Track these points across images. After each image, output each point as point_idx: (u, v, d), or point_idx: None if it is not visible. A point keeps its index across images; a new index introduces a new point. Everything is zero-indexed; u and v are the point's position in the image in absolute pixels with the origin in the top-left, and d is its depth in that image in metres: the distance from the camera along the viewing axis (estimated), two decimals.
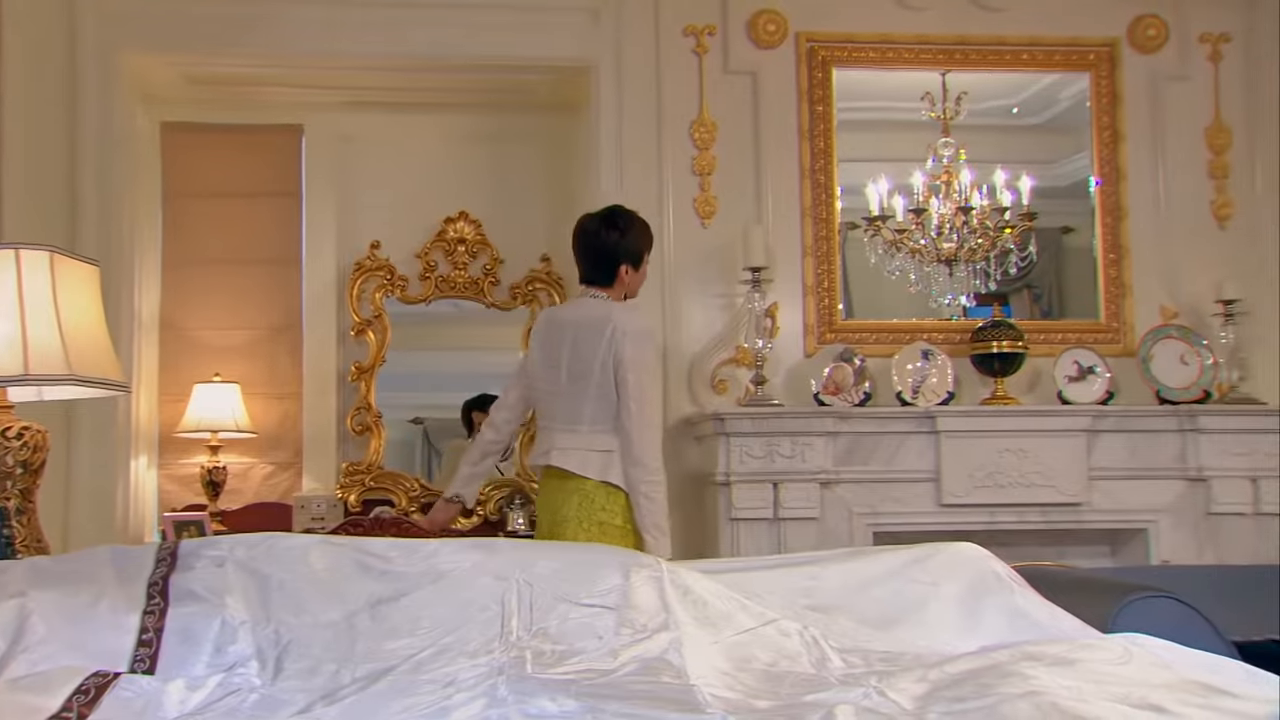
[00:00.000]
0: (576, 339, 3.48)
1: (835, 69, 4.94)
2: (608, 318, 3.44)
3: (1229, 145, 4.97)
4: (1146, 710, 1.55)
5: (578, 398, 3.46)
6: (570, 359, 3.48)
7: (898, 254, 4.83)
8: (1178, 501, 4.60)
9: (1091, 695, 1.58)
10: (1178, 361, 4.75)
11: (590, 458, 3.43)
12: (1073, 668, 1.76)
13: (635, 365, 3.39)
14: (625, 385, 3.38)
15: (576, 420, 3.46)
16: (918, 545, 2.44)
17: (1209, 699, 1.63)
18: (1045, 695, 1.56)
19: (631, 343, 3.40)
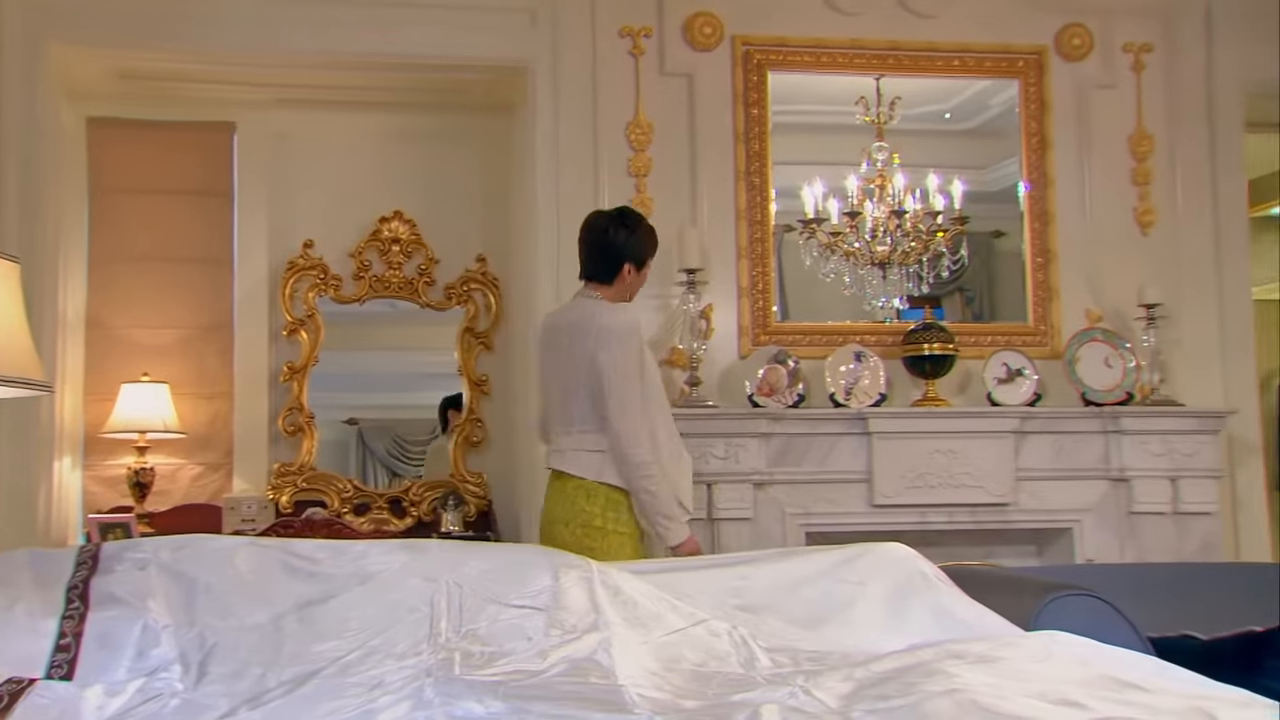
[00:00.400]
0: (570, 341, 3.57)
1: (770, 72, 4.98)
2: (594, 317, 3.52)
3: (1151, 152, 5.07)
4: (1063, 706, 1.58)
5: (571, 399, 3.55)
6: (565, 362, 3.57)
7: (832, 256, 4.87)
8: (1101, 501, 4.70)
9: (1011, 692, 1.62)
10: (1102, 364, 4.84)
11: (583, 458, 3.52)
12: (994, 665, 1.79)
13: (611, 364, 3.45)
14: (607, 385, 3.45)
15: (570, 422, 3.56)
16: (847, 545, 2.47)
17: (1122, 694, 1.66)
18: (966, 693, 1.58)
19: (610, 342, 3.47)
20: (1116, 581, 2.84)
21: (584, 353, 3.51)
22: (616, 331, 3.49)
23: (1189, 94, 5.09)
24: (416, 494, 5.26)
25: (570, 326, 3.61)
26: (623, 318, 3.56)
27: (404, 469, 5.45)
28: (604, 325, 3.50)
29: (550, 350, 3.67)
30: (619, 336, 3.49)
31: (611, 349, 3.47)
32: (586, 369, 3.49)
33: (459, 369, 5.40)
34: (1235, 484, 4.92)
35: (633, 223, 3.69)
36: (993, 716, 1.50)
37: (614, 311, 3.56)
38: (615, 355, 3.46)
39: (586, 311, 3.58)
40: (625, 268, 3.63)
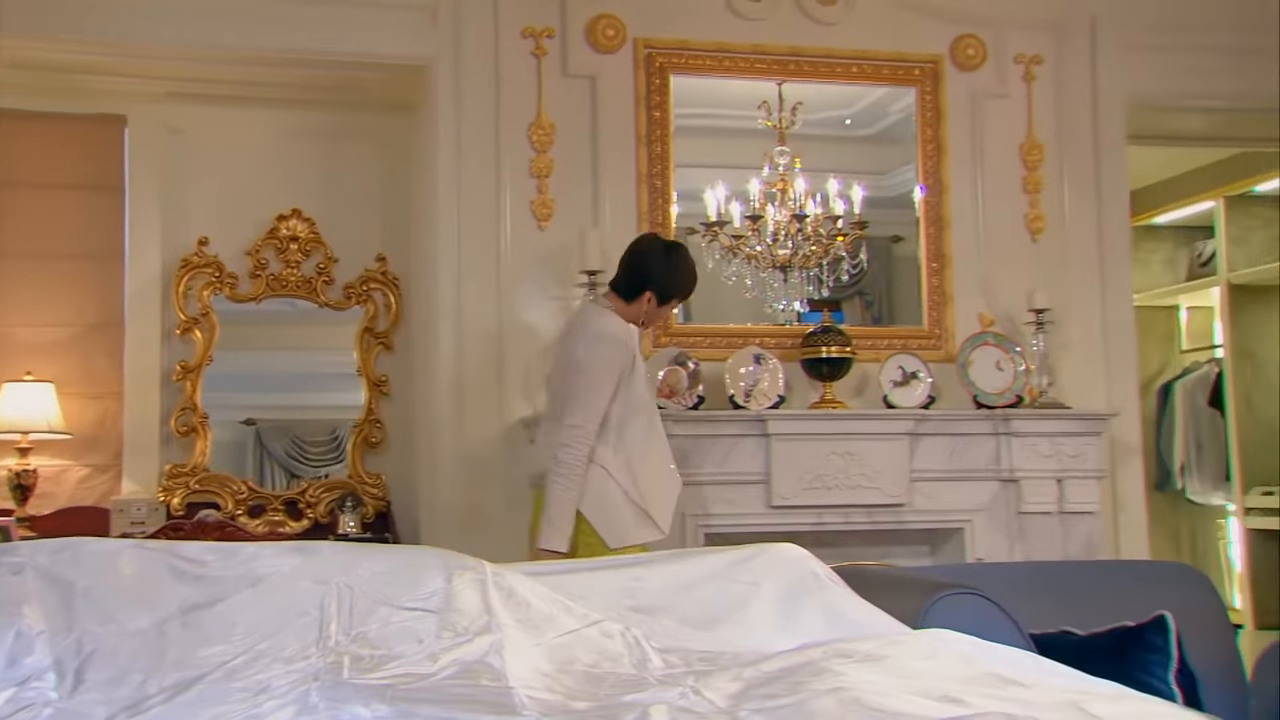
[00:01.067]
0: (564, 342, 3.82)
1: (673, 75, 5.00)
2: (585, 321, 3.75)
3: (1041, 161, 5.21)
4: (944, 702, 1.62)
5: (555, 398, 3.79)
6: (561, 361, 3.81)
7: (734, 259, 4.92)
8: (992, 501, 4.81)
9: (894, 690, 1.65)
10: (994, 367, 4.96)
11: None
12: (881, 663, 1.83)
13: (580, 365, 3.63)
14: (573, 382, 3.63)
15: (555, 417, 3.75)
16: (741, 546, 2.50)
17: (1002, 689, 1.71)
18: (850, 691, 1.62)
19: (582, 344, 3.66)
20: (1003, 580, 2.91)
21: (568, 353, 3.71)
22: (598, 336, 3.65)
23: (1076, 106, 5.24)
24: (313, 495, 5.19)
25: (571, 326, 3.85)
26: (603, 323, 3.70)
27: (303, 470, 5.37)
28: (590, 328, 3.68)
29: (558, 348, 3.94)
30: (599, 340, 3.64)
31: (583, 351, 3.63)
32: (570, 368, 3.68)
33: (358, 369, 5.34)
34: (1116, 484, 5.07)
35: (675, 259, 3.84)
36: (874, 713, 1.53)
37: (604, 318, 3.72)
38: (588, 356, 3.61)
39: (581, 316, 3.83)
40: (646, 294, 3.78)
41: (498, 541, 4.53)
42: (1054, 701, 1.65)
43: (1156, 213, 7.44)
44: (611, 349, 3.65)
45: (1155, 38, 5.24)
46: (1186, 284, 7.48)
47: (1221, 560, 7.34)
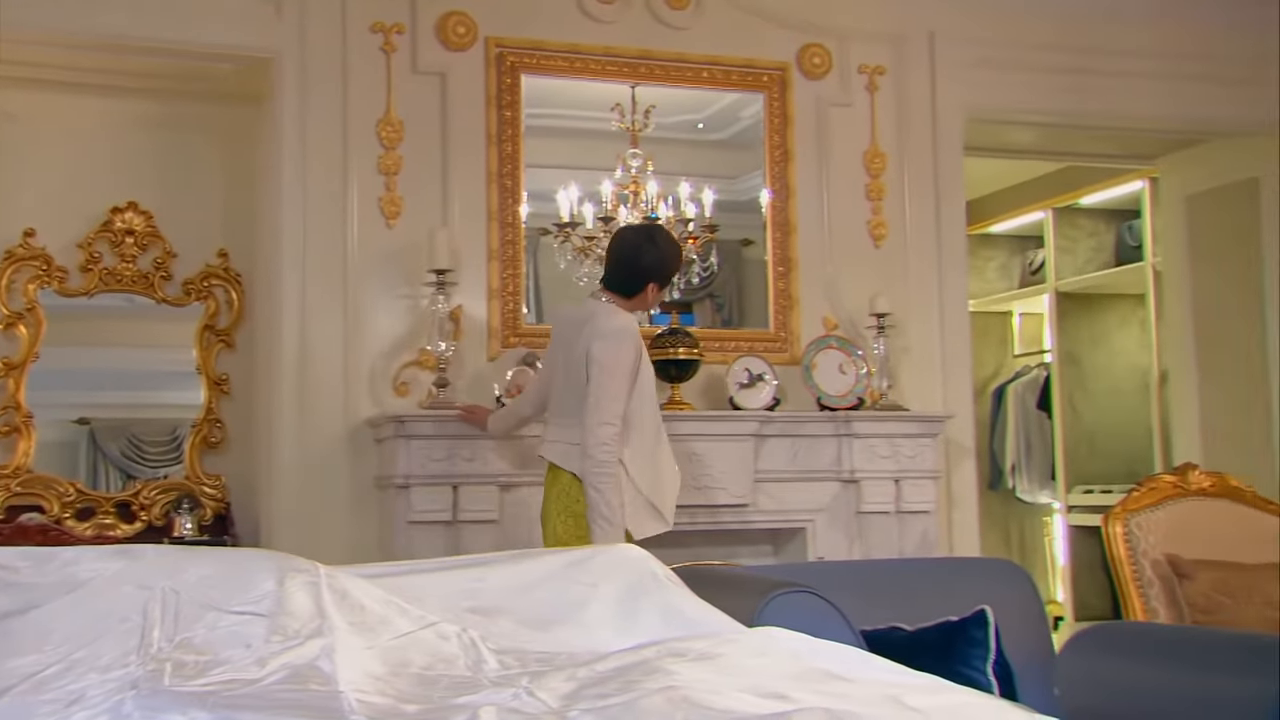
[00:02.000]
0: (571, 338, 3.83)
1: (524, 75, 4.99)
2: (591, 318, 3.78)
3: (884, 169, 5.36)
4: (770, 698, 1.66)
5: (565, 393, 3.82)
6: (564, 356, 3.84)
7: (587, 261, 4.93)
8: (833, 502, 4.92)
9: (724, 687, 1.68)
10: (836, 370, 5.08)
11: (569, 450, 3.76)
12: (713, 662, 1.86)
13: (597, 363, 3.67)
14: (589, 382, 3.67)
15: (562, 414, 3.84)
16: (581, 547, 2.52)
17: (826, 685, 1.76)
18: (680, 690, 1.64)
19: (600, 341, 3.70)
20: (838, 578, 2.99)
21: (578, 349, 3.74)
22: (611, 333, 3.71)
23: (916, 116, 5.40)
24: (148, 497, 5.02)
25: (574, 323, 3.86)
26: (619, 321, 3.77)
27: (141, 471, 5.19)
28: (600, 326, 3.73)
29: (555, 342, 4.00)
30: (613, 337, 3.70)
31: (599, 349, 3.68)
32: (577, 364, 3.73)
33: (198, 367, 5.19)
34: (951, 484, 5.25)
35: (662, 242, 3.91)
36: (702, 711, 1.56)
37: (612, 314, 3.79)
38: (605, 354, 3.67)
39: (587, 312, 3.84)
40: (649, 286, 3.88)
41: (341, 543, 4.48)
42: (875, 695, 1.71)
43: (992, 222, 7.74)
44: (629, 346, 3.74)
45: (990, 53, 5.44)
46: (1019, 291, 7.79)
47: (1047, 556, 7.68)
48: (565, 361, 3.83)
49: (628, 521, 3.68)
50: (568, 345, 3.83)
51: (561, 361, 3.86)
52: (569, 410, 3.78)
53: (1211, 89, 5.66)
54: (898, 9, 5.39)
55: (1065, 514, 7.12)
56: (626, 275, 3.87)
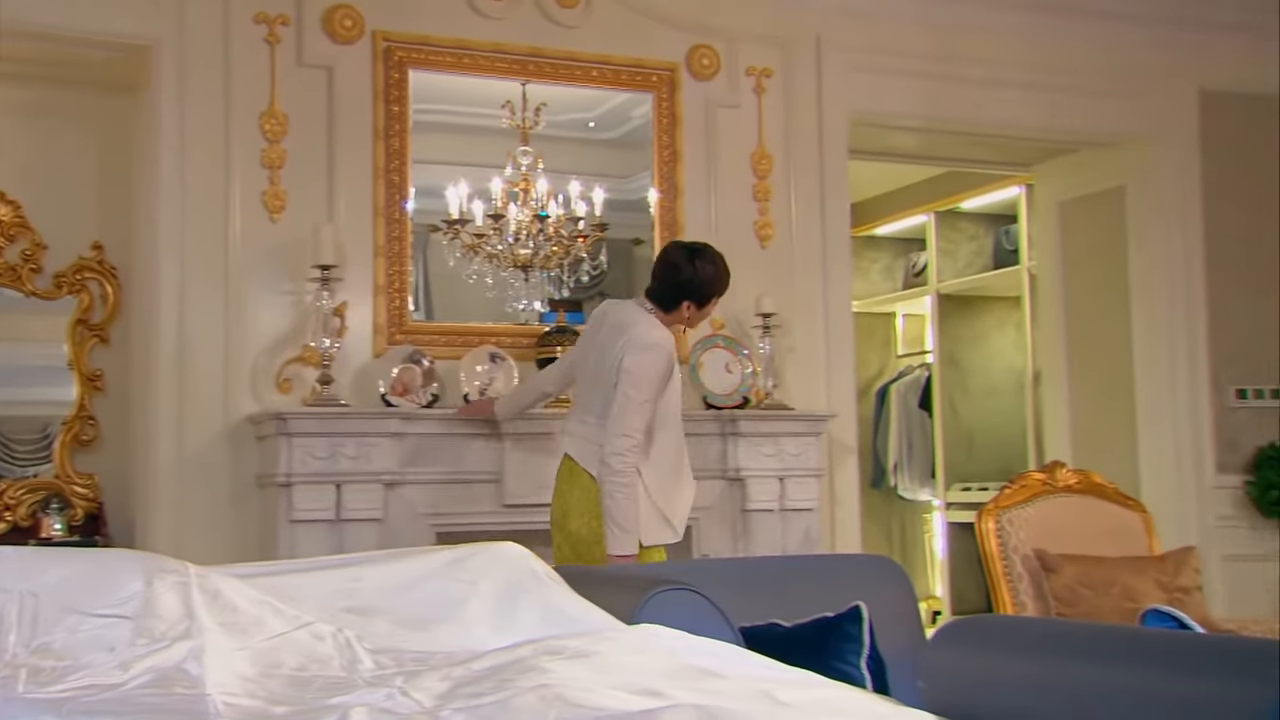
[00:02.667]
0: (605, 338, 3.88)
1: (412, 70, 4.94)
2: (631, 326, 3.84)
3: (771, 171, 5.43)
4: (644, 695, 1.68)
5: (593, 392, 3.89)
6: (596, 355, 3.90)
7: (476, 258, 4.91)
8: (719, 500, 4.97)
9: (598, 684, 1.70)
10: (722, 369, 5.13)
11: (590, 450, 3.83)
12: (589, 659, 1.88)
13: (627, 375, 3.73)
14: (616, 392, 3.73)
15: (588, 412, 3.90)
16: (461, 545, 2.51)
17: (700, 681, 1.79)
18: (554, 687, 1.65)
19: (632, 353, 3.75)
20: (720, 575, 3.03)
21: (612, 354, 3.80)
22: (645, 346, 3.77)
23: (803, 119, 5.48)
24: (13, 497, 4.85)
25: (612, 325, 3.91)
26: (655, 335, 3.83)
27: (9, 470, 5.01)
28: (636, 337, 3.78)
29: (589, 336, 4.03)
30: (646, 351, 3.76)
31: (631, 361, 3.74)
32: (609, 368, 3.79)
33: (69, 363, 5.04)
34: (834, 482, 5.34)
35: (701, 264, 3.94)
36: (574, 708, 1.58)
37: (651, 327, 3.85)
38: (636, 366, 3.73)
39: (628, 317, 3.89)
40: (684, 304, 3.93)
41: (220, 543, 4.40)
42: (747, 691, 1.74)
43: (877, 224, 7.89)
44: (661, 360, 3.80)
45: (874, 59, 5.54)
46: (902, 292, 7.96)
47: (927, 552, 7.86)
48: (598, 360, 3.89)
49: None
50: (602, 347, 3.88)
51: (594, 359, 3.92)
52: (592, 409, 3.88)
53: (1082, 100, 5.85)
54: (785, 13, 5.46)
55: (944, 511, 7.30)
56: (665, 290, 3.95)
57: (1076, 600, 3.50)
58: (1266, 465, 5.78)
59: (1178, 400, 5.87)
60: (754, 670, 1.90)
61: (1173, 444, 5.87)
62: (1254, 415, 5.98)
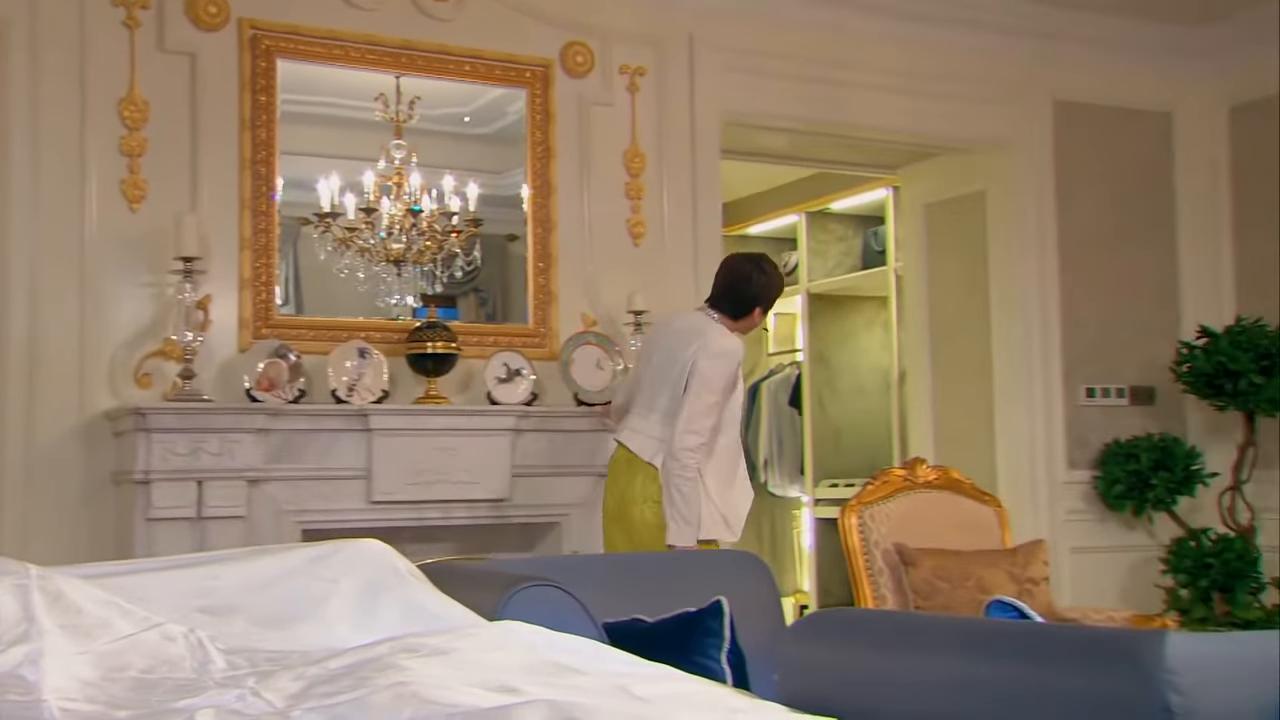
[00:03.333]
0: (673, 343, 4.15)
1: (281, 60, 4.85)
2: (702, 332, 4.11)
3: (644, 169, 5.46)
4: (500, 692, 1.68)
5: (656, 391, 4.13)
6: (661, 357, 4.16)
7: (347, 252, 4.84)
8: (589, 496, 4.98)
9: (454, 681, 1.69)
10: (594, 366, 5.15)
11: (651, 444, 4.10)
12: (447, 657, 1.87)
13: (700, 376, 4.01)
14: (688, 392, 4.00)
15: (650, 409, 4.15)
16: (323, 543, 2.48)
17: (559, 677, 1.79)
18: (410, 685, 1.64)
19: (708, 358, 4.02)
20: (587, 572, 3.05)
21: (684, 357, 4.04)
22: (719, 352, 4.05)
23: (675, 118, 5.52)
24: None
25: (679, 331, 4.19)
26: (730, 343, 4.11)
27: None
28: (711, 343, 4.05)
29: (650, 343, 4.34)
30: (720, 357, 4.04)
31: (706, 366, 4.00)
32: (680, 371, 4.04)
33: None
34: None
35: (770, 270, 4.26)
36: (428, 705, 1.57)
37: (722, 335, 4.12)
38: (710, 370, 4.00)
39: (699, 324, 4.16)
40: (755, 310, 4.22)
41: (73, 543, 4.26)
42: (604, 686, 1.75)
43: (749, 224, 8.01)
44: (732, 366, 4.08)
45: (746, 60, 5.62)
46: None
47: (795, 547, 8.01)
48: (663, 363, 4.13)
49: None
50: (670, 350, 4.13)
51: (658, 363, 4.16)
52: (658, 407, 4.11)
53: (945, 106, 6.01)
54: (658, 11, 5.50)
55: (812, 507, 7.44)
56: (736, 299, 4.20)
57: (933, 593, 3.60)
58: (1113, 461, 6.02)
59: (1033, 399, 6.08)
60: (613, 666, 1.91)
61: (1027, 441, 6.07)
62: (1102, 413, 6.23)
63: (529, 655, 1.93)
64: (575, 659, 1.93)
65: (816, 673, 1.85)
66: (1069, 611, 3.70)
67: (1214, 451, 6.09)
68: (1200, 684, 1.42)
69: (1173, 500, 5.93)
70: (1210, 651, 1.48)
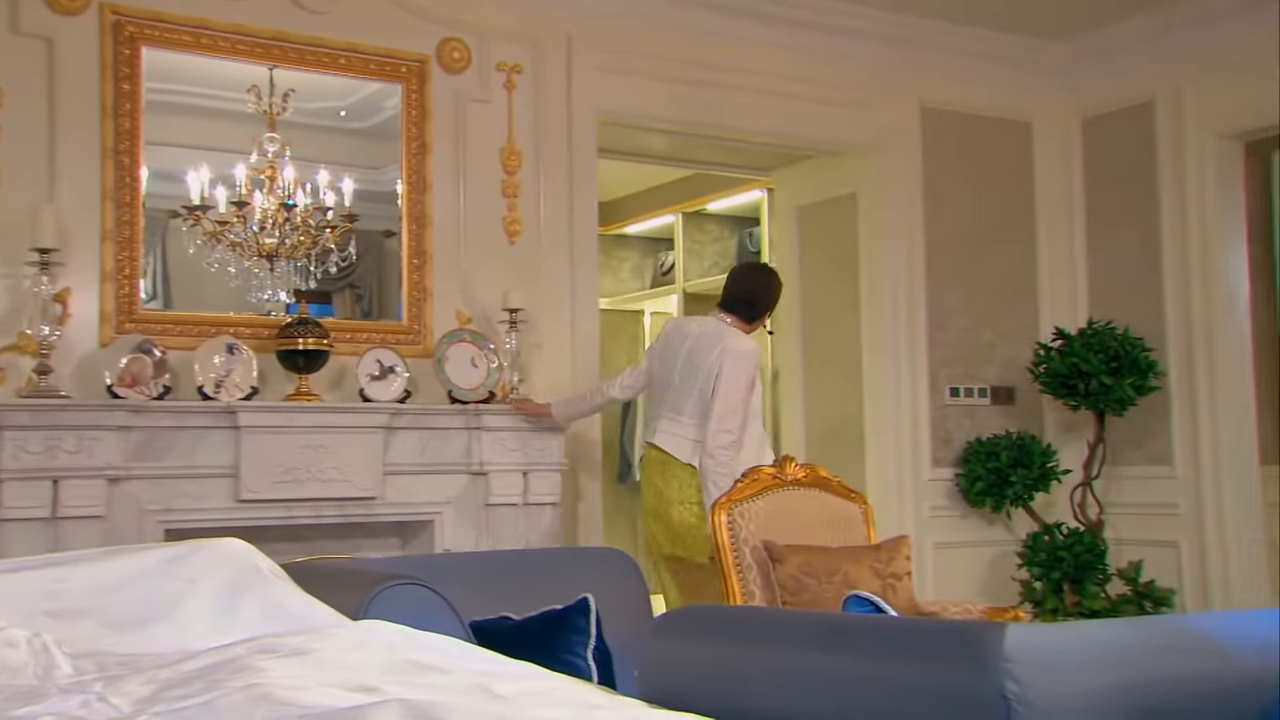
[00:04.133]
0: (694, 347, 4.47)
1: (145, 47, 4.72)
2: (721, 337, 4.44)
3: (520, 167, 5.45)
4: (358, 692, 1.67)
5: (684, 394, 4.45)
6: (684, 362, 4.48)
7: (218, 246, 4.74)
8: (462, 494, 4.97)
9: (310, 682, 1.68)
10: (469, 364, 5.12)
11: (685, 445, 4.42)
12: (305, 657, 1.85)
13: (728, 379, 4.34)
14: (716, 394, 4.33)
15: (679, 411, 4.47)
16: (181, 542, 2.43)
17: (419, 676, 1.79)
18: (263, 687, 1.62)
19: (731, 361, 4.36)
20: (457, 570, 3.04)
21: (707, 361, 4.38)
22: (743, 354, 4.40)
23: (553, 116, 5.52)
24: None
25: (698, 335, 4.51)
26: (749, 345, 4.48)
27: None
28: (733, 347, 4.39)
29: (670, 346, 4.59)
30: (744, 360, 4.38)
31: (731, 368, 4.34)
32: (705, 374, 4.38)
33: None
34: (577, 477, 5.42)
35: (776, 279, 4.72)
36: (281, 707, 1.55)
37: (741, 338, 4.48)
38: (734, 372, 4.34)
39: (716, 330, 4.50)
40: (766, 314, 4.65)
41: None
42: (465, 685, 1.76)
43: (627, 223, 8.05)
44: (752, 366, 4.42)
45: (622, 60, 5.65)
46: (651, 291, 8.15)
47: None
48: (687, 369, 4.46)
49: None
50: (693, 356, 4.45)
51: (682, 368, 4.47)
52: (687, 410, 4.44)
53: (818, 110, 6.13)
54: (536, 9, 5.50)
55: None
56: (752, 305, 4.57)
57: (800, 589, 3.68)
58: (974, 459, 6.21)
59: (900, 398, 6.24)
60: (475, 664, 1.91)
61: (895, 439, 6.23)
62: (965, 412, 6.43)
63: (389, 655, 1.92)
64: (437, 658, 1.93)
65: (676, 669, 1.88)
66: (930, 605, 3.81)
67: (1068, 449, 6.33)
68: (1035, 672, 1.48)
69: (1030, 496, 6.14)
70: (1045, 641, 1.54)
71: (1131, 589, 5.88)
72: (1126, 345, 5.91)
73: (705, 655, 1.91)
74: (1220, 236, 6.06)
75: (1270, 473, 6.12)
